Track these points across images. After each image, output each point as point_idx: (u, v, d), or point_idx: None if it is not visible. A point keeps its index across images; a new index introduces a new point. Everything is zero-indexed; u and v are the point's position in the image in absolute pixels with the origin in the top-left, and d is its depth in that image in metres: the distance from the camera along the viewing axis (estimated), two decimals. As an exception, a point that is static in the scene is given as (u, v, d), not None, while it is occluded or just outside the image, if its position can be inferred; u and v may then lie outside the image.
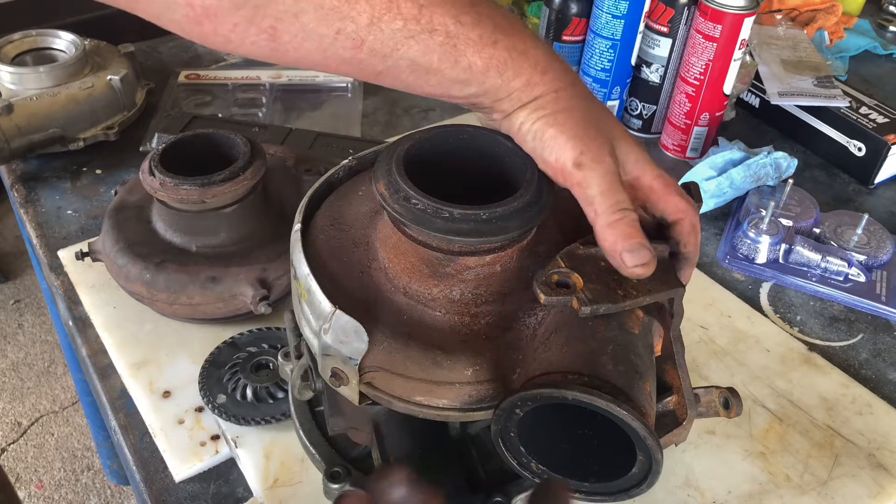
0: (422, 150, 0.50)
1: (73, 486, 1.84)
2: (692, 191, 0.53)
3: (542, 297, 0.44)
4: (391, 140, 0.60)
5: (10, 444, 1.93)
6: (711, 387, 0.53)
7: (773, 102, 1.13)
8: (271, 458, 0.66)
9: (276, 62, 0.48)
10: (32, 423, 1.97)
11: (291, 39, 0.45)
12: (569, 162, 0.47)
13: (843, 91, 1.12)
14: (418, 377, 0.47)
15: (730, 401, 0.51)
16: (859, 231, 0.92)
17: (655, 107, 1.12)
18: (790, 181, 0.96)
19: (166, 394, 0.71)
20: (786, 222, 0.93)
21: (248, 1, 0.43)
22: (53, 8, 1.68)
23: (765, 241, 0.90)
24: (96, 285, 0.81)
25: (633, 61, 1.08)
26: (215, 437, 0.68)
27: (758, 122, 1.19)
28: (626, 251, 0.45)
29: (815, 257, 0.90)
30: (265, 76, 1.17)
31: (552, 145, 0.47)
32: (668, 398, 0.50)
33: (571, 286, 0.45)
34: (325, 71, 0.48)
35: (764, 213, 0.91)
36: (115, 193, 0.82)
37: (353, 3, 0.43)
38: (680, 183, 0.59)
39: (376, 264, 0.51)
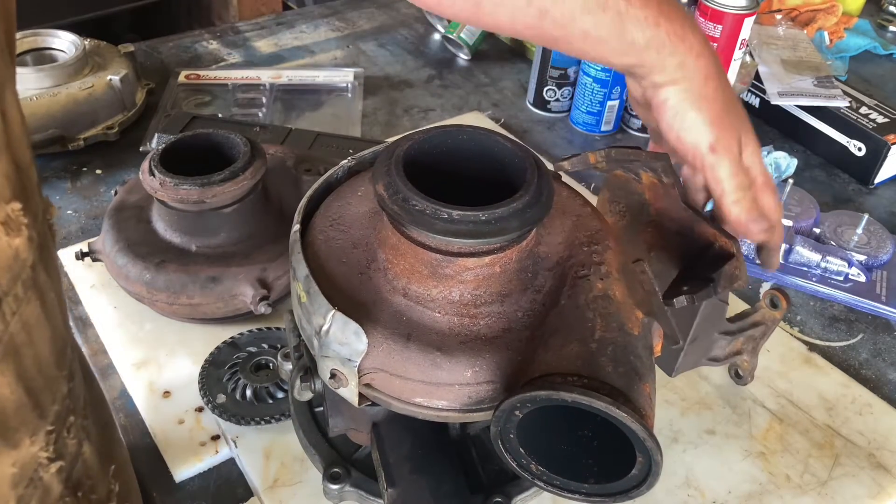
0: (421, 150, 0.50)
1: (74, 485, 1.83)
2: (784, 296, 0.67)
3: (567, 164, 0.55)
4: (391, 140, 0.60)
5: (10, 444, 1.92)
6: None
7: (773, 102, 1.13)
8: (271, 458, 0.66)
9: (469, 24, 0.58)
10: (33, 423, 1.97)
11: (491, 7, 0.51)
12: (704, 145, 0.54)
13: (843, 91, 1.12)
14: (418, 378, 0.47)
15: (776, 300, 0.65)
16: (859, 231, 0.92)
17: (655, 107, 1.11)
18: (790, 181, 0.96)
19: (166, 394, 0.71)
20: (786, 222, 0.93)
21: None
22: (53, 8, 1.68)
23: (765, 241, 0.90)
24: (96, 285, 0.81)
25: (633, 61, 1.08)
26: (215, 437, 0.68)
27: (758, 122, 1.19)
28: (751, 221, 0.55)
29: (815, 257, 0.90)
30: (265, 76, 1.17)
31: (692, 126, 0.54)
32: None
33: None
34: (507, 33, 0.56)
35: (764, 213, 0.90)
36: (115, 193, 0.82)
37: None
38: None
39: (375, 265, 0.51)
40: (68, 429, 0.36)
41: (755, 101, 1.19)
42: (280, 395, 0.70)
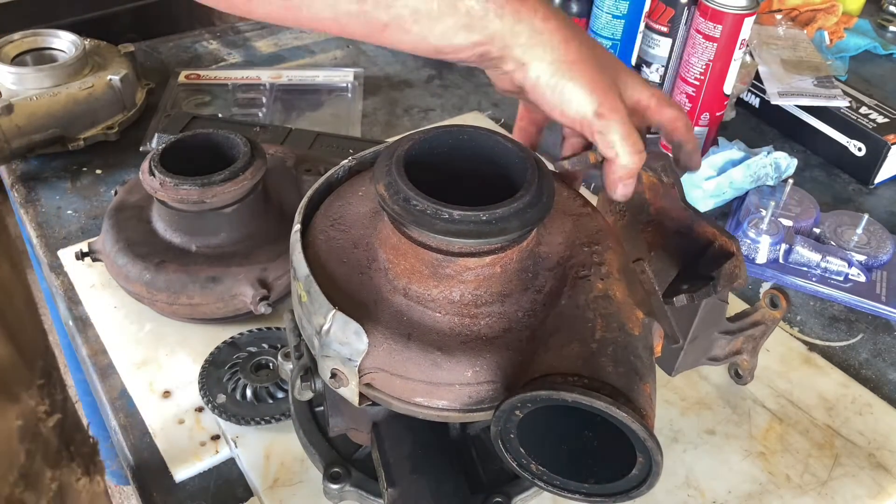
0: (422, 150, 0.50)
1: (74, 485, 1.83)
2: (784, 296, 0.68)
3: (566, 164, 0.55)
4: (391, 140, 0.60)
5: (10, 444, 1.92)
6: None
7: (773, 102, 1.13)
8: (271, 458, 0.66)
9: (287, 24, 0.51)
10: (32, 423, 1.97)
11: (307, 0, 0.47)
12: (590, 113, 0.51)
13: (843, 91, 1.12)
14: (418, 378, 0.47)
15: (776, 299, 0.66)
16: (859, 231, 0.92)
17: (655, 107, 1.11)
18: (790, 181, 0.96)
19: (166, 394, 0.71)
20: (786, 222, 0.93)
21: None
22: (53, 8, 1.68)
23: (765, 241, 0.90)
24: (96, 285, 0.81)
25: (633, 61, 1.08)
26: (215, 437, 0.68)
27: (758, 122, 1.19)
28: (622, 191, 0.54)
29: (815, 257, 0.90)
30: (265, 76, 1.17)
31: (572, 98, 0.51)
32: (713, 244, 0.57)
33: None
34: (338, 33, 0.51)
35: (764, 213, 0.91)
36: (115, 193, 0.82)
37: None
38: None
39: (376, 265, 0.51)
40: (53, 384, 0.38)
41: (755, 101, 1.19)
42: (280, 395, 0.70)
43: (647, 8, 1.03)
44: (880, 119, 1.08)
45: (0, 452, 0.34)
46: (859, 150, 1.07)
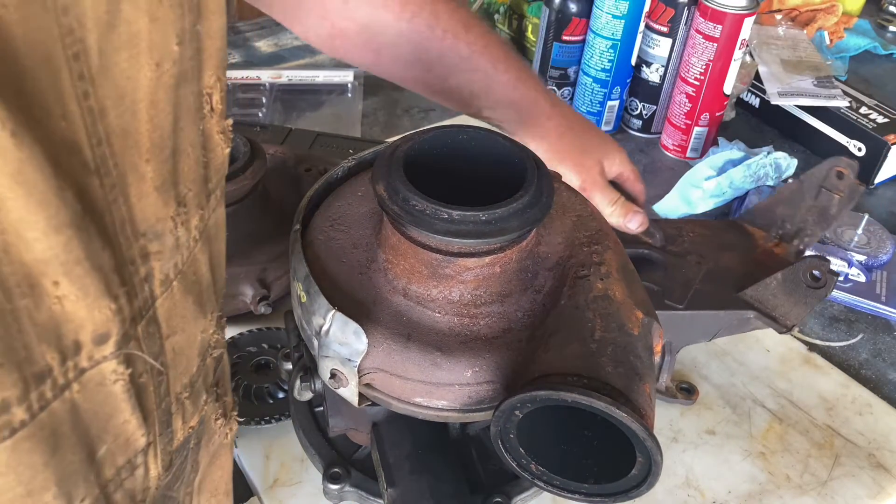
0: (421, 150, 0.50)
1: (74, 485, 1.83)
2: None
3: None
4: (391, 140, 0.60)
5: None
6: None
7: (773, 102, 1.13)
8: (271, 458, 0.66)
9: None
10: (33, 423, 1.97)
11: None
12: (578, 186, 0.69)
13: (843, 91, 1.12)
14: (417, 378, 0.47)
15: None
16: (859, 231, 0.92)
17: (655, 107, 1.12)
18: (790, 181, 0.96)
19: (166, 394, 0.71)
20: (786, 222, 0.93)
21: None
22: (53, 7, 1.68)
23: (765, 241, 0.90)
24: (96, 285, 0.81)
25: (633, 61, 1.08)
26: (215, 438, 0.68)
27: (758, 122, 1.19)
28: (628, 222, 0.71)
29: (815, 257, 0.90)
30: (265, 76, 1.17)
31: (564, 175, 0.64)
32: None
33: None
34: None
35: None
36: (115, 193, 0.82)
37: None
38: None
39: (375, 265, 0.51)
40: (219, 323, 0.42)
41: (755, 101, 1.19)
42: (280, 395, 0.70)
43: (647, 8, 1.03)
44: (880, 119, 1.08)
45: (184, 361, 0.37)
46: (859, 150, 1.07)
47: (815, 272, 0.62)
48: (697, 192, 0.97)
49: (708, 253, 0.69)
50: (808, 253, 0.69)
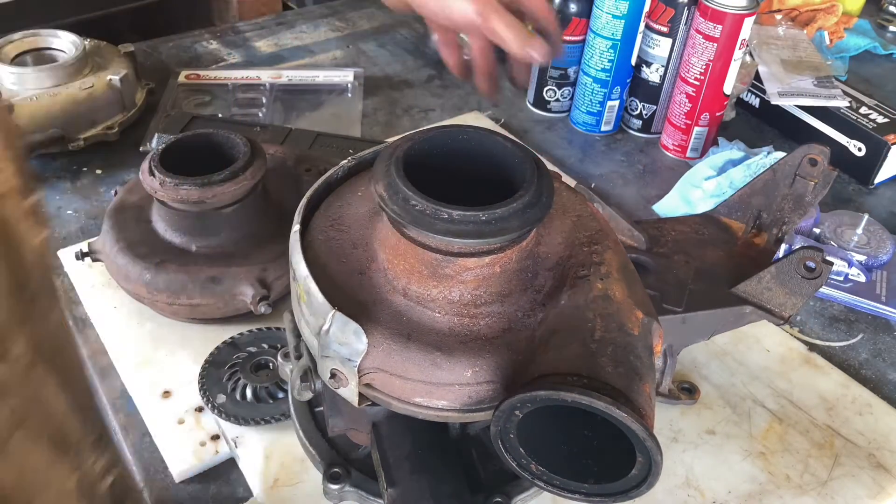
0: (421, 150, 0.50)
1: (74, 485, 1.83)
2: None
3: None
4: (391, 140, 0.60)
5: (10, 444, 1.92)
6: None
7: (773, 102, 1.13)
8: (271, 458, 0.66)
9: None
10: (33, 423, 1.97)
11: None
12: (473, 14, 0.64)
13: (843, 91, 1.12)
14: (417, 378, 0.47)
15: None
16: (859, 231, 0.92)
17: (655, 107, 1.12)
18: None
19: (166, 394, 0.71)
20: (786, 222, 0.93)
21: None
22: (53, 8, 1.68)
23: (765, 241, 0.90)
24: (96, 285, 0.81)
25: (633, 61, 1.08)
26: (215, 437, 0.68)
27: (758, 122, 1.19)
28: (530, 49, 0.66)
29: (815, 257, 0.90)
30: (265, 76, 1.17)
31: (453, 5, 0.63)
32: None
33: None
34: None
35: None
36: (115, 193, 0.82)
37: None
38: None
39: (375, 265, 0.51)
40: (106, 439, 0.37)
41: (755, 101, 1.19)
42: (280, 395, 0.70)
43: (647, 8, 1.03)
44: (880, 119, 1.08)
45: None
46: (859, 150, 1.07)
47: (809, 263, 0.62)
48: (697, 192, 0.97)
49: (692, 250, 0.69)
50: (796, 245, 0.69)
